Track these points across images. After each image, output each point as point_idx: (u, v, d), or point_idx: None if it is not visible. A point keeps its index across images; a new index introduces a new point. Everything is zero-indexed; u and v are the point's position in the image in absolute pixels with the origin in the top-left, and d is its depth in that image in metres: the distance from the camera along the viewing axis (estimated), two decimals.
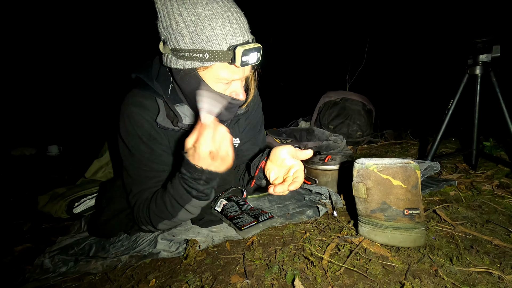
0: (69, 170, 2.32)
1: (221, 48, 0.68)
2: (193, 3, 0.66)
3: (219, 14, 0.67)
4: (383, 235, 0.78)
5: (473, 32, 1.31)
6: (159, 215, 0.82)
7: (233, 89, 0.79)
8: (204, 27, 0.66)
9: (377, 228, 0.79)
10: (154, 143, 0.84)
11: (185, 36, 0.68)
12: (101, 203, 1.06)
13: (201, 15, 0.66)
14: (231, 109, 0.82)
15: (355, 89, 3.06)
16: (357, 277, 0.69)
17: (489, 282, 0.64)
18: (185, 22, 0.66)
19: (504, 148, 1.60)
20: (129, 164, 0.87)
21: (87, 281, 0.85)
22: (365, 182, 0.79)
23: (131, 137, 0.83)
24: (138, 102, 0.83)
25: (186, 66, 0.71)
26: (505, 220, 0.92)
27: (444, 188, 1.19)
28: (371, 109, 2.51)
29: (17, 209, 1.58)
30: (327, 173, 1.24)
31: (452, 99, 1.37)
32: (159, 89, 0.81)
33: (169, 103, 0.82)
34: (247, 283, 0.70)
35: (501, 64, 1.30)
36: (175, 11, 0.67)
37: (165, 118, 0.83)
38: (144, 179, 0.86)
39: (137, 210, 0.86)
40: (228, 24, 0.67)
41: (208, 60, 0.69)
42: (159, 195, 0.81)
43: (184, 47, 0.69)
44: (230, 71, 0.73)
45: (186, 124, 0.84)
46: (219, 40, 0.67)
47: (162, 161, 0.86)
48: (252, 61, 0.71)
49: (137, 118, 0.82)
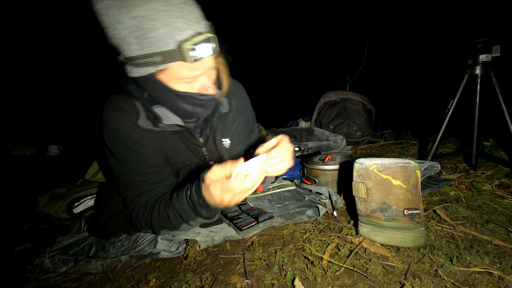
0: (69, 170, 2.32)
1: (170, 48, 0.63)
2: (129, 6, 0.61)
3: (159, 11, 0.61)
4: (383, 235, 0.78)
5: (473, 32, 1.31)
6: (161, 224, 0.81)
7: (201, 85, 0.75)
8: (146, 30, 0.61)
9: (377, 228, 0.79)
10: (139, 147, 0.82)
11: (131, 43, 0.63)
12: (100, 204, 1.05)
13: (139, 17, 0.61)
14: (204, 105, 0.80)
15: (355, 89, 3.06)
16: (357, 277, 0.69)
17: (489, 282, 0.64)
18: (127, 28, 0.62)
19: (504, 148, 1.60)
20: (119, 170, 0.85)
21: (87, 281, 0.85)
22: (365, 182, 0.79)
23: (116, 143, 0.82)
24: (117, 107, 0.81)
25: (143, 73, 0.68)
26: (505, 220, 0.92)
27: (444, 188, 1.19)
28: (371, 109, 2.52)
29: (17, 209, 1.58)
30: (327, 173, 1.24)
31: (452, 99, 1.37)
32: (136, 92, 0.79)
33: (147, 105, 0.80)
34: (247, 283, 0.70)
35: (501, 64, 1.30)
36: (115, 19, 0.62)
37: (146, 120, 0.80)
38: (136, 184, 0.84)
39: (136, 216, 0.85)
40: (170, 20, 0.62)
41: (161, 62, 0.65)
42: (162, 206, 0.80)
43: (133, 54, 0.65)
44: (189, 69, 0.68)
45: (167, 124, 0.82)
46: (165, 39, 0.62)
47: (151, 163, 0.84)
48: (206, 53, 0.66)
49: (118, 123, 0.80)
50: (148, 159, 0.84)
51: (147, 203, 0.84)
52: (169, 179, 0.88)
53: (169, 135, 0.87)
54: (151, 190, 0.85)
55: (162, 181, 0.86)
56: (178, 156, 0.91)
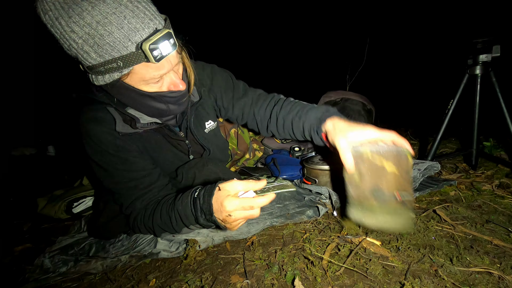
0: (69, 170, 2.32)
1: (129, 50, 0.61)
2: (79, 13, 0.57)
3: (110, 14, 0.58)
4: (374, 218, 0.77)
5: (473, 32, 1.31)
6: (162, 227, 0.81)
7: (169, 82, 0.73)
8: (102, 36, 0.59)
9: (368, 211, 0.78)
10: (123, 153, 0.81)
11: (89, 52, 0.61)
12: (99, 206, 1.05)
13: (92, 24, 0.58)
14: (178, 101, 0.78)
15: (355, 89, 3.06)
16: (357, 277, 0.69)
17: (489, 282, 0.64)
18: (81, 37, 0.59)
19: (504, 148, 1.60)
20: (109, 181, 0.84)
21: (87, 281, 0.85)
22: (358, 167, 0.79)
23: (99, 154, 0.80)
24: (91, 117, 0.79)
25: (107, 80, 0.66)
26: (505, 220, 0.92)
27: (444, 188, 1.18)
28: (371, 109, 2.51)
29: (17, 209, 1.58)
30: (327, 173, 1.24)
31: (452, 99, 1.37)
32: (104, 98, 0.77)
33: (120, 109, 0.78)
34: (247, 283, 0.70)
35: (501, 64, 1.30)
36: (67, 29, 0.59)
37: (124, 124, 0.79)
38: (129, 191, 0.83)
39: (134, 221, 0.85)
40: (125, 21, 0.59)
41: (123, 67, 0.63)
42: (165, 208, 0.78)
43: (94, 62, 0.63)
44: (154, 69, 0.66)
45: (145, 123, 0.80)
46: (123, 42, 0.60)
47: (139, 167, 0.83)
48: (167, 51, 0.63)
49: (97, 133, 0.78)
50: (135, 163, 0.83)
51: (147, 207, 0.83)
52: (160, 180, 0.87)
53: (151, 135, 0.86)
54: (145, 194, 0.84)
55: (153, 183, 0.85)
56: (163, 154, 0.91)
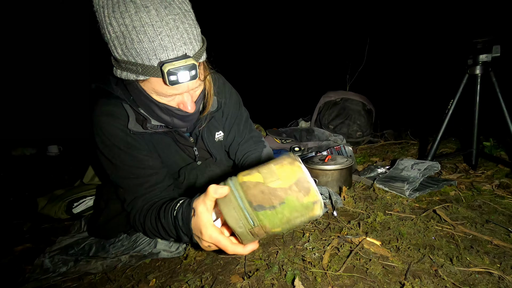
0: (69, 170, 2.32)
1: (151, 63, 0.62)
2: (121, 12, 0.59)
3: (148, 25, 0.59)
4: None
5: (473, 32, 1.31)
6: (153, 233, 0.81)
7: (180, 101, 0.74)
8: (132, 40, 0.60)
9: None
10: (133, 150, 0.81)
11: (117, 47, 0.63)
12: (99, 205, 1.05)
13: (129, 26, 0.59)
14: (183, 119, 0.79)
15: (355, 89, 3.06)
16: (357, 277, 0.69)
17: (489, 282, 0.64)
18: (115, 33, 0.61)
19: (504, 148, 1.60)
20: (115, 176, 0.84)
21: (87, 281, 0.85)
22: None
23: (109, 148, 0.81)
24: (106, 112, 0.80)
25: (124, 77, 0.67)
26: (505, 220, 0.92)
27: (444, 188, 1.19)
28: (371, 109, 2.52)
29: (17, 209, 1.58)
30: (327, 173, 1.24)
31: (452, 99, 1.37)
32: (121, 94, 0.78)
33: (135, 107, 0.79)
34: (247, 283, 0.70)
35: (501, 64, 1.30)
36: (106, 20, 0.61)
37: (136, 123, 0.80)
38: (134, 187, 0.83)
39: (133, 219, 0.85)
40: (158, 37, 0.60)
41: (141, 73, 0.64)
42: (154, 216, 0.77)
43: (118, 58, 0.65)
44: (167, 88, 0.67)
45: (155, 125, 0.81)
46: (149, 54, 0.61)
47: (147, 165, 0.84)
48: (183, 79, 0.63)
49: (110, 128, 0.79)
50: (144, 161, 0.83)
51: (143, 208, 0.83)
52: (166, 180, 0.87)
53: (161, 137, 0.87)
54: (148, 193, 0.84)
55: (159, 183, 0.85)
56: (170, 157, 0.91)
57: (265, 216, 0.49)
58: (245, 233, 0.51)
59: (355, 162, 1.59)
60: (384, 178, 1.27)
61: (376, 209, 1.03)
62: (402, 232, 0.86)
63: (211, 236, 0.57)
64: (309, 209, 0.49)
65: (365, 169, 1.49)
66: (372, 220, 0.93)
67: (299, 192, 0.48)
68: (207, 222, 0.58)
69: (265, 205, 0.49)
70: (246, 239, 0.52)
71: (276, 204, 0.49)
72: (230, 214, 0.50)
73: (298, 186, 0.49)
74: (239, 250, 0.57)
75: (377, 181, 1.25)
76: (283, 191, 0.49)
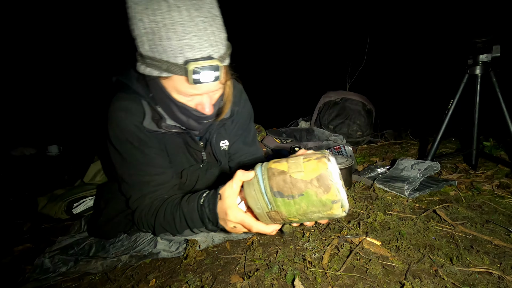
0: (69, 170, 2.32)
1: (177, 61, 0.64)
2: (153, 9, 0.62)
3: (179, 24, 0.62)
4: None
5: (473, 32, 1.31)
6: (165, 227, 0.80)
7: (198, 102, 0.75)
8: (161, 37, 0.62)
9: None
10: (145, 147, 0.82)
11: (144, 43, 0.65)
12: (100, 204, 1.05)
13: (159, 23, 0.61)
14: (199, 120, 0.80)
15: (355, 89, 3.06)
16: (357, 277, 0.69)
17: (489, 282, 0.64)
18: (145, 29, 0.63)
19: (504, 148, 1.60)
20: (124, 170, 0.85)
21: (87, 281, 0.85)
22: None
23: (121, 142, 0.81)
24: (123, 106, 0.81)
25: (147, 72, 0.69)
26: (505, 220, 0.92)
27: (444, 188, 1.19)
28: (371, 109, 2.51)
29: (17, 209, 1.58)
30: None
31: (452, 99, 1.37)
32: (141, 90, 0.79)
33: (152, 104, 0.80)
34: (247, 283, 0.70)
35: (501, 64, 1.30)
36: (137, 16, 0.63)
37: (151, 121, 0.80)
38: (141, 185, 0.84)
39: (139, 216, 0.85)
40: (186, 36, 0.62)
41: (165, 70, 0.66)
42: (169, 209, 0.78)
43: (144, 53, 0.67)
44: (189, 87, 0.68)
45: (170, 125, 0.82)
46: (175, 52, 0.63)
47: (157, 164, 0.84)
48: (206, 79, 0.66)
49: (125, 123, 0.80)
50: (154, 160, 0.84)
51: (152, 204, 0.83)
52: (172, 180, 0.88)
53: (172, 137, 0.87)
54: (155, 192, 0.84)
55: (166, 183, 0.85)
56: (177, 158, 0.92)
57: (282, 203, 0.51)
58: (263, 215, 0.54)
59: (355, 162, 1.59)
60: (384, 178, 1.27)
61: (376, 209, 1.03)
62: (402, 232, 0.86)
63: (236, 216, 0.60)
64: (327, 207, 0.50)
65: (365, 169, 1.49)
66: (372, 220, 0.93)
67: (319, 187, 0.49)
68: (232, 204, 0.61)
69: (284, 193, 0.51)
70: (263, 221, 0.56)
71: (295, 195, 0.50)
72: (250, 194, 0.54)
73: (319, 181, 0.49)
74: (263, 228, 0.60)
75: (377, 181, 1.25)
76: (304, 183, 0.50)
